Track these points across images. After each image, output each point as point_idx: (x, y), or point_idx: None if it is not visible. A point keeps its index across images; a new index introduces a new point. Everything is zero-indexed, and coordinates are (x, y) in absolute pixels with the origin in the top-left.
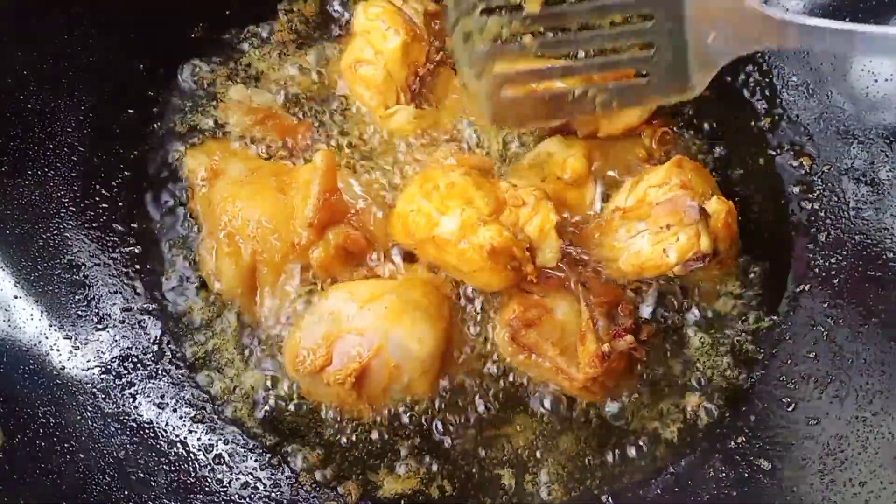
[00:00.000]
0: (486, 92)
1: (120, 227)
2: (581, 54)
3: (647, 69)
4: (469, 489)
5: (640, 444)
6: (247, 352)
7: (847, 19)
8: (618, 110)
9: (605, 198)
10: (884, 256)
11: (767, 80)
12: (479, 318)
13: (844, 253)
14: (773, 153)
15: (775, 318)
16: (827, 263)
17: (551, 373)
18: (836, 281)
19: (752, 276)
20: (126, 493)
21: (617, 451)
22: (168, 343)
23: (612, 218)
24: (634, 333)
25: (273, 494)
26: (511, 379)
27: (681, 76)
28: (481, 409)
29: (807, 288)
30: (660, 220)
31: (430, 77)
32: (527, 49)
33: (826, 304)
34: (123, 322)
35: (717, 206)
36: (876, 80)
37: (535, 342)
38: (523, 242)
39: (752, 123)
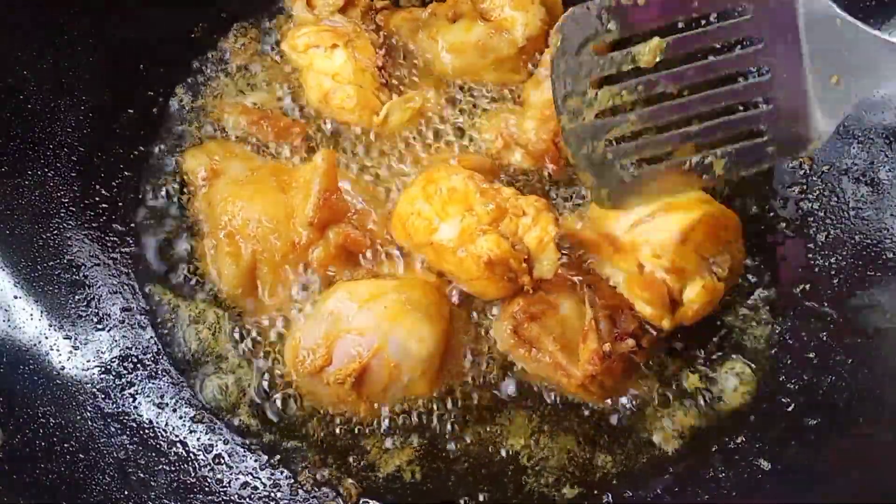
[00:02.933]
0: (599, 170)
1: (120, 227)
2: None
3: (766, 126)
4: (469, 489)
5: (640, 444)
6: (246, 351)
7: None
8: (738, 177)
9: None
10: (884, 256)
11: None
12: (479, 318)
13: (844, 253)
14: None
15: (775, 318)
16: (827, 263)
17: (550, 369)
18: (835, 281)
19: (751, 276)
20: (126, 493)
21: (617, 450)
22: (168, 343)
23: (602, 242)
24: (636, 338)
25: (273, 494)
26: (511, 378)
27: (803, 129)
28: (481, 408)
29: (807, 288)
30: (635, 284)
31: (390, 60)
32: (637, 121)
33: (826, 305)
34: (123, 322)
35: (695, 296)
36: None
37: (537, 336)
38: (521, 253)
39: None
